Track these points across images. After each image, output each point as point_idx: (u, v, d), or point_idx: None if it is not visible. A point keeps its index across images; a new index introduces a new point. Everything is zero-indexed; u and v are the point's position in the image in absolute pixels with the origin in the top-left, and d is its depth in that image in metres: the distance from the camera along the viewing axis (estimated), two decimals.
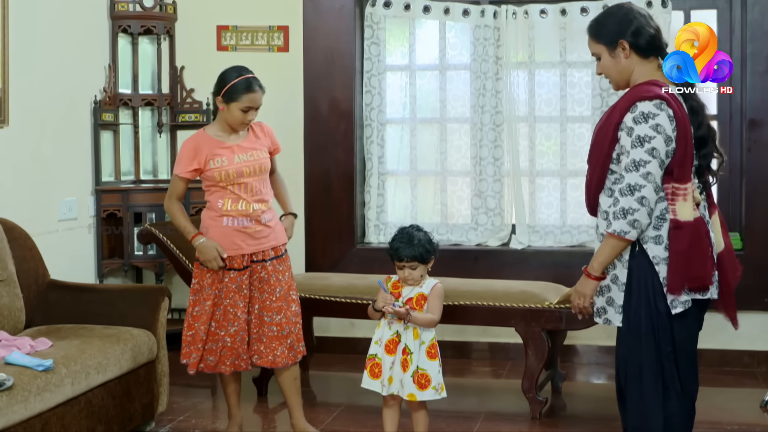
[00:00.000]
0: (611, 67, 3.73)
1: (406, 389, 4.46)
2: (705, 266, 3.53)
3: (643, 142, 3.45)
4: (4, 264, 4.95)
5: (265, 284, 4.85)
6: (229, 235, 4.77)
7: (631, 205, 3.46)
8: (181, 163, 4.79)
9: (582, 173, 6.49)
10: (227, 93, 4.72)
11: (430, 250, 4.51)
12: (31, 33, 5.85)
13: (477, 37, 6.69)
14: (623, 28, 3.68)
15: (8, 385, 3.90)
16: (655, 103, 3.50)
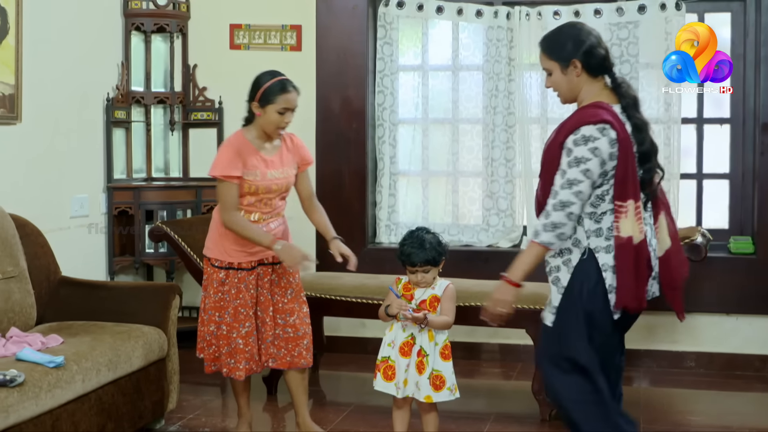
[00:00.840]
0: (562, 84, 3.83)
1: (423, 391, 4.45)
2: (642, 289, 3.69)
3: (579, 163, 3.60)
4: (15, 260, 4.96)
5: (276, 287, 4.87)
6: (237, 242, 4.73)
7: (561, 220, 3.62)
8: (227, 166, 4.63)
9: None
10: (263, 96, 4.65)
11: (441, 252, 4.49)
12: (45, 30, 5.86)
13: (490, 37, 6.69)
14: (577, 47, 3.78)
15: (19, 381, 3.91)
16: (598, 128, 3.61)
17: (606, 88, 3.81)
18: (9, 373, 3.90)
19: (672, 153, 6.44)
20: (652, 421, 5.35)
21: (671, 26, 6.33)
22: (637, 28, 6.48)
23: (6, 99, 5.51)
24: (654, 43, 6.41)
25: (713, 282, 6.33)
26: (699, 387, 6.20)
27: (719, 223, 6.59)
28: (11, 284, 4.89)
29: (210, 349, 4.84)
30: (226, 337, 4.79)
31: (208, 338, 4.83)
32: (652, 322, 6.49)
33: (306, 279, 5.92)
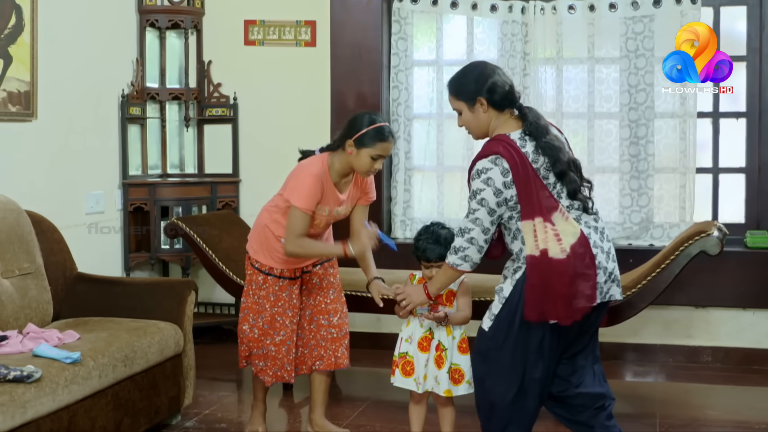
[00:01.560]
0: (471, 121, 4.04)
1: (443, 386, 4.47)
2: (554, 303, 3.80)
3: (476, 195, 3.87)
4: (32, 257, 4.98)
5: (317, 288, 4.88)
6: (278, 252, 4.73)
7: (462, 244, 3.94)
8: (306, 199, 4.56)
9: (610, 169, 6.54)
10: (359, 139, 4.54)
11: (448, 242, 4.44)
12: (60, 28, 5.88)
13: (504, 32, 6.68)
14: (480, 86, 3.97)
15: (36, 377, 3.92)
16: (490, 159, 3.85)
17: (512, 117, 4.00)
18: (26, 369, 3.91)
19: (688, 147, 6.42)
20: (668, 416, 5.34)
21: (687, 20, 6.30)
22: (652, 22, 6.46)
23: (22, 96, 5.53)
24: (669, 37, 6.37)
25: (729, 276, 6.31)
26: (715, 382, 6.18)
27: (735, 218, 6.58)
28: (28, 281, 4.91)
29: (243, 347, 4.87)
30: (257, 341, 4.81)
31: (241, 336, 4.86)
32: (667, 316, 6.49)
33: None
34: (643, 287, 5.19)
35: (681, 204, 6.47)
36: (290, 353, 4.82)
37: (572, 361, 4.02)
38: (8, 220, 4.88)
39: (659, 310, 6.40)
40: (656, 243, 6.49)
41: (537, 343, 3.88)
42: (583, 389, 4.04)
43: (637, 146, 6.51)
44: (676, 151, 6.48)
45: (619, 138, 6.57)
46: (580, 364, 4.04)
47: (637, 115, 6.49)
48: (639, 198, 6.53)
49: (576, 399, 4.05)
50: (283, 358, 4.81)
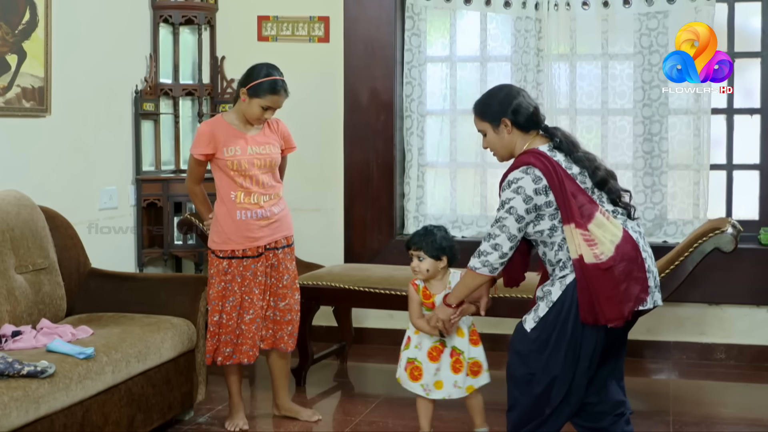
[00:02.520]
0: (496, 143, 4.14)
1: (464, 385, 4.58)
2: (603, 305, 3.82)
3: (505, 204, 3.95)
4: (45, 252, 5.00)
5: (274, 270, 5.02)
6: (243, 228, 4.91)
7: (486, 249, 3.97)
8: (196, 145, 4.92)
9: (623, 166, 6.52)
10: (253, 88, 4.82)
11: (443, 248, 4.60)
12: (74, 23, 5.89)
13: (518, 28, 6.66)
14: (504, 107, 4.06)
15: (50, 372, 3.94)
16: (521, 170, 3.93)
17: (538, 136, 4.09)
18: (40, 365, 3.92)
19: (702, 144, 6.40)
20: (681, 413, 5.33)
21: (701, 16, 6.28)
22: (666, 18, 6.44)
23: (35, 92, 5.55)
24: None
25: (743, 273, 6.30)
26: (729, 379, 6.16)
27: (749, 214, 6.55)
28: (41, 276, 4.93)
29: (213, 340, 4.96)
30: (227, 326, 4.93)
31: (212, 329, 4.95)
32: (681, 313, 6.48)
33: (334, 271, 5.95)
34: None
35: (695, 201, 6.45)
36: (259, 330, 4.97)
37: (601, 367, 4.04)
38: (22, 216, 4.90)
39: (673, 307, 6.39)
40: (670, 240, 6.47)
41: (591, 349, 3.89)
42: (606, 396, 4.07)
43: (651, 143, 6.49)
44: (690, 148, 6.46)
45: (633, 135, 6.56)
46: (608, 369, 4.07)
47: (650, 111, 6.47)
48: (653, 195, 6.51)
49: (598, 406, 4.06)
50: (254, 336, 4.95)
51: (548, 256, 3.98)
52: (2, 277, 4.65)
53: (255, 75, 4.85)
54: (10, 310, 4.63)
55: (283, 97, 4.88)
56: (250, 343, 4.93)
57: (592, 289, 3.80)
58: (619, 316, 3.82)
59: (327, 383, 6.03)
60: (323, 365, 6.22)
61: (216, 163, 4.91)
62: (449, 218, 6.83)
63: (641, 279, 3.86)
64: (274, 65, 4.94)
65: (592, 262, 3.80)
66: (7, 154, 5.40)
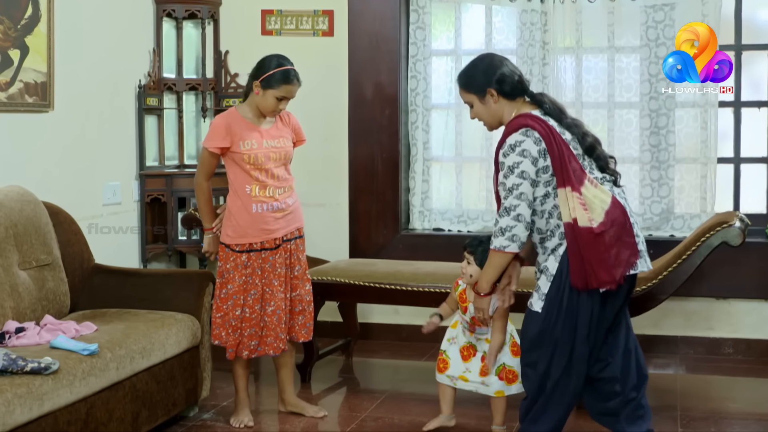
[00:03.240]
0: (483, 113, 4.20)
1: (493, 387, 4.63)
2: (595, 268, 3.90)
3: (514, 169, 3.92)
4: (49, 248, 5.00)
5: (290, 262, 5.04)
6: (259, 221, 4.90)
7: (509, 224, 3.92)
8: (212, 138, 4.89)
9: (630, 159, 6.51)
10: (266, 79, 4.84)
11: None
12: (77, 18, 5.89)
13: (524, 21, 6.65)
14: (489, 77, 4.13)
15: (54, 369, 3.94)
16: (521, 132, 3.97)
17: (525, 103, 4.15)
18: (43, 361, 3.92)
19: (709, 137, 6.39)
20: (689, 408, 5.32)
21: (708, 8, 6.27)
22: (673, 11, 6.42)
23: (38, 87, 5.54)
24: None
25: (751, 268, 6.28)
26: (737, 374, 6.15)
27: (757, 208, 6.53)
28: (45, 272, 4.93)
29: (236, 334, 4.93)
30: (251, 320, 4.92)
31: (234, 323, 4.92)
32: (688, 308, 6.46)
33: (339, 266, 5.95)
34: (664, 278, 5.18)
35: (702, 194, 6.43)
36: (281, 322, 4.96)
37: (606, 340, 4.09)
38: (25, 212, 4.90)
39: (680, 301, 6.37)
40: (677, 234, 6.46)
41: (587, 316, 3.94)
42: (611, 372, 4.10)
43: (658, 136, 6.47)
44: (697, 141, 6.45)
45: (640, 128, 6.54)
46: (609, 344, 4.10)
47: (657, 104, 6.46)
48: (659, 188, 6.50)
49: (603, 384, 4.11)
50: (276, 328, 4.95)
51: (537, 224, 4.02)
52: (6, 274, 4.65)
53: (266, 67, 4.88)
54: (13, 307, 4.63)
55: (296, 87, 4.91)
56: (274, 334, 4.94)
57: (584, 252, 3.88)
58: (611, 280, 3.88)
59: (332, 379, 6.03)
60: (329, 361, 6.21)
61: (231, 157, 4.91)
62: (455, 213, 6.82)
63: (631, 243, 3.94)
64: (283, 56, 4.97)
65: (585, 226, 3.87)
66: (10, 149, 5.39)
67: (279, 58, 4.93)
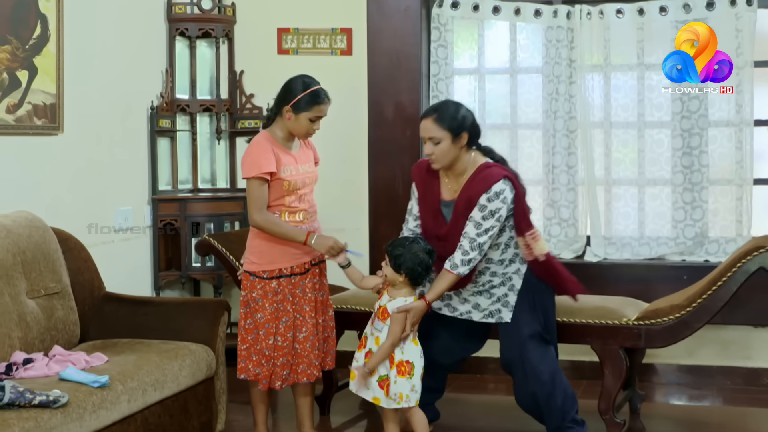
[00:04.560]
0: (449, 152, 4.80)
1: (371, 392, 4.87)
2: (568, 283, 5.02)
3: (494, 214, 4.73)
4: (58, 276, 4.98)
5: (320, 286, 5.07)
6: (289, 246, 4.88)
7: (477, 257, 4.76)
8: (260, 164, 4.80)
9: (662, 181, 6.47)
10: (296, 104, 4.84)
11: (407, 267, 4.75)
12: (87, 37, 5.90)
13: (549, 38, 6.63)
14: (468, 122, 4.83)
15: (63, 402, 3.91)
16: (503, 181, 4.75)
17: (477, 152, 4.92)
18: (52, 394, 3.90)
19: (744, 157, 6.34)
20: None
21: (742, 23, 6.24)
22: None
23: (47, 109, 5.55)
24: (723, 41, 6.29)
25: None
26: None
27: None
28: (54, 301, 4.91)
29: (269, 364, 4.89)
30: (282, 348, 4.89)
31: (267, 353, 4.88)
32: (725, 337, 6.41)
33: (359, 294, 5.90)
34: (699, 306, 5.13)
35: (738, 217, 6.39)
36: (314, 348, 4.95)
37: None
38: (34, 238, 4.89)
39: (716, 329, 6.31)
40: (712, 259, 6.41)
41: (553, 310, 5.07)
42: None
43: (691, 157, 6.43)
44: (732, 162, 6.40)
45: (671, 148, 6.50)
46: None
47: (689, 123, 6.42)
48: (693, 211, 6.45)
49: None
50: (309, 355, 4.93)
51: (491, 255, 4.88)
52: (13, 302, 4.63)
53: (294, 89, 4.88)
54: (21, 337, 4.61)
55: (327, 105, 4.94)
56: (306, 362, 4.92)
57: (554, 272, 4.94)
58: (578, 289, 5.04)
59: (353, 411, 5.99)
60: (349, 392, 6.13)
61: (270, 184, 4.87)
62: None
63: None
64: (308, 75, 4.98)
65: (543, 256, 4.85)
66: (18, 173, 5.40)
67: (305, 78, 4.94)
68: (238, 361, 4.95)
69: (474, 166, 4.85)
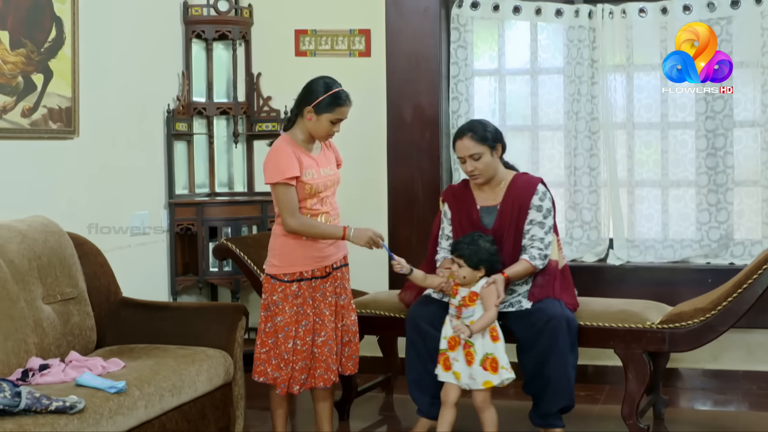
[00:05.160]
0: (491, 164, 5.21)
1: (479, 379, 4.93)
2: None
3: (551, 212, 5.20)
4: (74, 281, 5.00)
5: (341, 290, 5.08)
6: (311, 249, 4.90)
7: (548, 254, 5.18)
8: (284, 169, 4.80)
9: (686, 183, 6.45)
10: (318, 105, 4.85)
11: (484, 259, 5.02)
12: (102, 40, 5.92)
13: (571, 38, 6.62)
14: (499, 134, 5.27)
15: (79, 408, 3.92)
16: (542, 185, 5.25)
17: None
18: (69, 400, 3.91)
19: None
20: None
21: (767, 21, 6.21)
22: (730, 24, 6.36)
23: (63, 112, 5.57)
24: (749, 39, 6.30)
25: None
26: None
27: None
28: (70, 306, 4.93)
29: (288, 368, 4.89)
30: (302, 352, 4.88)
31: (286, 357, 4.88)
32: (751, 340, 6.37)
33: (379, 298, 5.91)
34: (724, 309, 5.11)
35: (764, 219, 6.36)
36: (332, 353, 4.95)
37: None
38: (49, 243, 4.91)
39: (741, 333, 6.28)
40: (737, 261, 6.38)
41: None
42: None
43: (715, 158, 6.41)
44: (758, 163, 6.38)
45: (696, 149, 6.48)
46: None
47: (714, 124, 6.39)
48: (718, 213, 6.42)
49: None
50: (327, 359, 4.92)
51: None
52: (29, 308, 4.64)
53: (315, 91, 4.89)
54: (37, 343, 4.62)
55: (349, 108, 4.96)
56: (324, 366, 4.91)
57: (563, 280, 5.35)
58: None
59: (372, 417, 6.00)
60: (368, 398, 6.18)
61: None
62: None
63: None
64: (329, 77, 5.00)
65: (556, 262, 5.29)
66: (33, 178, 5.42)
67: (326, 79, 4.96)
68: (255, 364, 4.96)
69: (508, 175, 5.29)
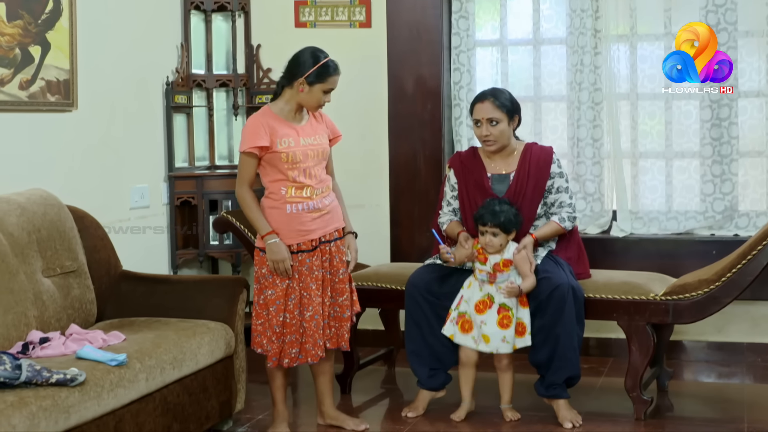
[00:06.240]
0: (506, 132, 5.35)
1: (512, 342, 5.10)
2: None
3: (567, 176, 5.45)
4: (74, 254, 5.04)
5: (330, 265, 5.04)
6: (295, 222, 4.92)
7: (576, 216, 5.49)
8: (251, 138, 4.88)
9: (690, 154, 6.47)
10: (310, 76, 4.88)
11: (515, 222, 5.17)
12: (100, 11, 5.94)
13: (573, 8, 6.62)
14: (517, 105, 5.40)
15: (80, 380, 3.96)
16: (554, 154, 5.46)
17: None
18: (69, 372, 3.94)
19: None
20: (757, 420, 5.27)
21: None
22: None
23: (61, 85, 5.59)
24: (754, 8, 6.30)
25: None
26: None
27: None
28: (70, 279, 4.97)
29: (278, 341, 4.93)
30: (291, 325, 4.91)
31: (278, 330, 4.91)
32: (755, 312, 6.41)
33: (380, 271, 5.94)
34: (728, 280, 5.14)
35: None
36: (319, 328, 4.96)
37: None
38: (49, 216, 4.94)
39: (746, 305, 6.31)
40: (741, 233, 6.41)
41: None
42: None
43: (720, 128, 6.42)
44: (763, 133, 6.40)
45: (700, 120, 6.49)
46: None
47: (719, 94, 6.41)
48: (722, 185, 6.45)
49: None
50: (314, 334, 4.94)
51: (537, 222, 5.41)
52: (29, 281, 4.68)
53: (304, 63, 4.92)
54: (37, 316, 4.66)
55: (339, 76, 4.99)
56: (312, 341, 4.93)
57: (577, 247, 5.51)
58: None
59: (374, 390, 6.04)
60: (370, 371, 6.22)
61: (267, 159, 4.91)
62: None
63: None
64: (316, 47, 5.01)
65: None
66: (31, 151, 5.45)
67: (314, 50, 4.97)
68: (253, 335, 4.99)
69: (519, 145, 5.45)
